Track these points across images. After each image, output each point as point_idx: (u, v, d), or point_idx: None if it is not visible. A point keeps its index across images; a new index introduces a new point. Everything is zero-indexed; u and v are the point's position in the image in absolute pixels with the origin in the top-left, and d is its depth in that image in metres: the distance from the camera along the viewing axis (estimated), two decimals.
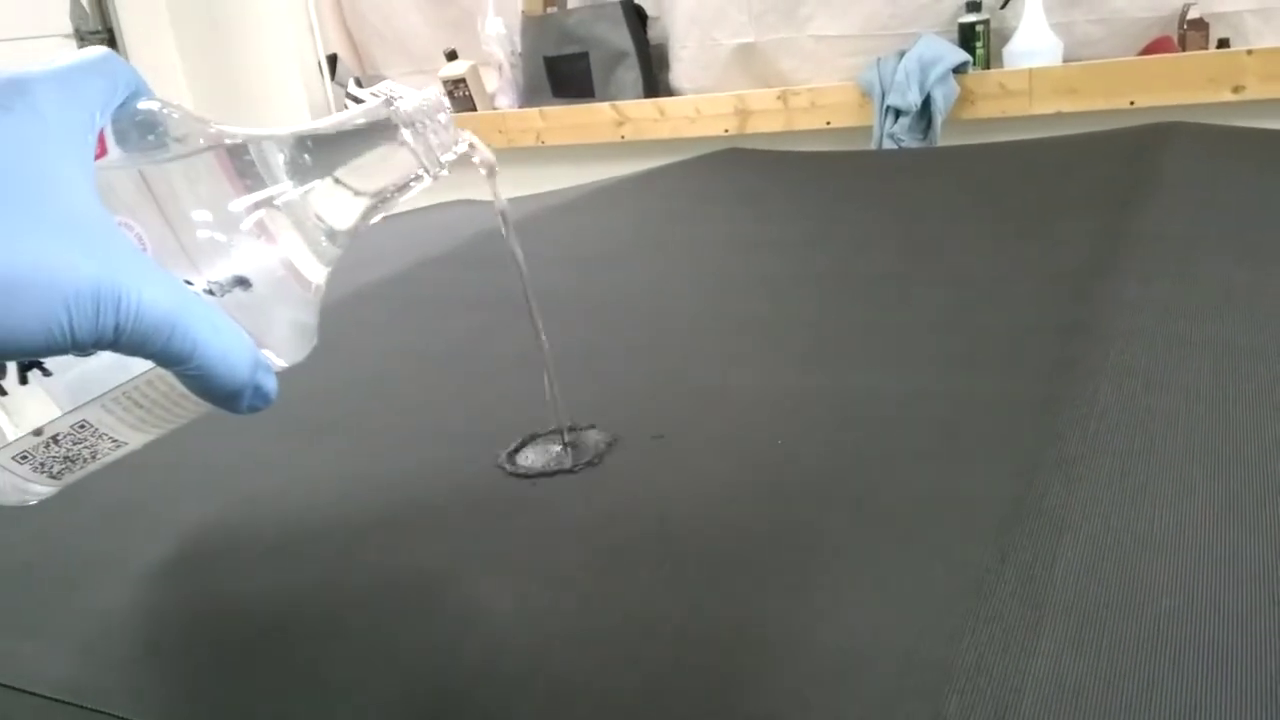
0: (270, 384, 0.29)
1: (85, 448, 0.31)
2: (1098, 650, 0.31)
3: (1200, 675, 0.29)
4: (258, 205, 0.31)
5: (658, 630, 0.34)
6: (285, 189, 0.32)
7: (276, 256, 0.31)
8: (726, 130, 2.00)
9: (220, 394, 0.27)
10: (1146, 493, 0.38)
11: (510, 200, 1.14)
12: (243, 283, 0.29)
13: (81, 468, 0.32)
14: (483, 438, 0.49)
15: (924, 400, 0.48)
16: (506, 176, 0.40)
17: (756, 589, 0.36)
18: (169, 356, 0.25)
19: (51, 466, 0.31)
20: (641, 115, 2.07)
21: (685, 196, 1.06)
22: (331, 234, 0.33)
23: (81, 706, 0.34)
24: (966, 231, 0.77)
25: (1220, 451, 0.41)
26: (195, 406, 0.31)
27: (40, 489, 0.32)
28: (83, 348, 0.24)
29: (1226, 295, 0.57)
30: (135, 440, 0.32)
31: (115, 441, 0.31)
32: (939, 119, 1.75)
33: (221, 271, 0.29)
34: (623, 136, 2.10)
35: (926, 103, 1.74)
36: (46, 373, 0.29)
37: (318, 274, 0.33)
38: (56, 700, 0.35)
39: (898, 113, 1.78)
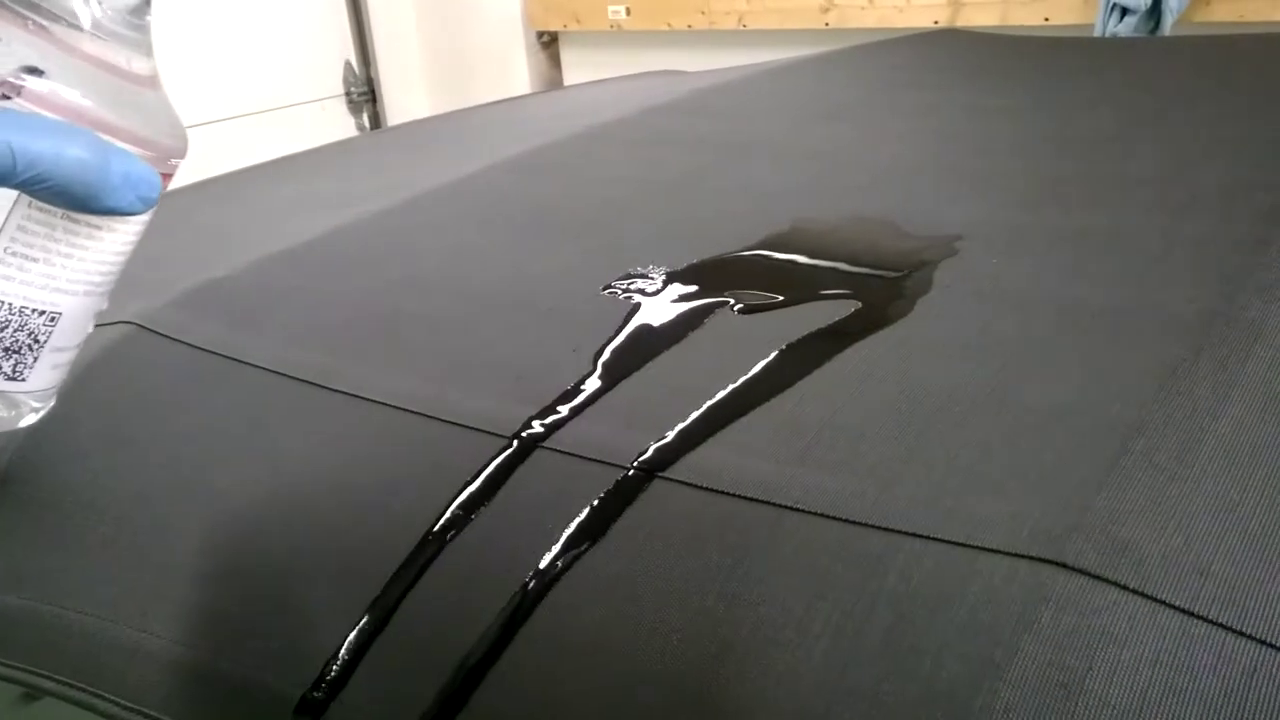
0: (138, 168, 0.27)
1: (18, 331, 0.29)
2: None
3: None
4: None
5: (873, 396, 0.41)
6: None
7: (61, 41, 0.28)
8: (936, 21, 1.95)
9: (87, 192, 0.26)
10: None
11: (717, 68, 1.17)
12: (34, 71, 0.27)
13: (34, 355, 0.29)
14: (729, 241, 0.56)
15: (1133, 236, 0.51)
16: (704, 58, 0.43)
17: (971, 370, 0.42)
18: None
19: None
20: (849, 2, 2.04)
21: (900, 66, 1.08)
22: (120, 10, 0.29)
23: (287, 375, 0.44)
24: (1192, 105, 0.76)
25: None
26: (91, 241, 0.29)
27: (26, 405, 0.30)
28: None
29: None
30: (66, 305, 0.30)
31: (42, 312, 0.29)
32: (1170, 19, 1.64)
33: (3, 68, 0.27)
34: (827, 24, 2.08)
35: (1157, 1, 1.64)
36: None
37: (136, 62, 0.29)
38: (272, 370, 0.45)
39: (1124, 10, 1.68)
